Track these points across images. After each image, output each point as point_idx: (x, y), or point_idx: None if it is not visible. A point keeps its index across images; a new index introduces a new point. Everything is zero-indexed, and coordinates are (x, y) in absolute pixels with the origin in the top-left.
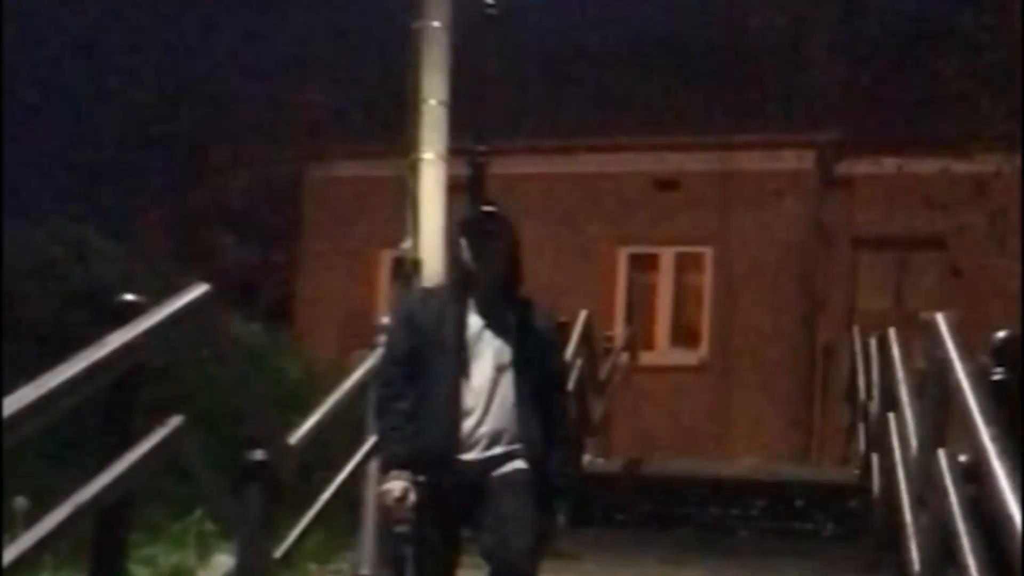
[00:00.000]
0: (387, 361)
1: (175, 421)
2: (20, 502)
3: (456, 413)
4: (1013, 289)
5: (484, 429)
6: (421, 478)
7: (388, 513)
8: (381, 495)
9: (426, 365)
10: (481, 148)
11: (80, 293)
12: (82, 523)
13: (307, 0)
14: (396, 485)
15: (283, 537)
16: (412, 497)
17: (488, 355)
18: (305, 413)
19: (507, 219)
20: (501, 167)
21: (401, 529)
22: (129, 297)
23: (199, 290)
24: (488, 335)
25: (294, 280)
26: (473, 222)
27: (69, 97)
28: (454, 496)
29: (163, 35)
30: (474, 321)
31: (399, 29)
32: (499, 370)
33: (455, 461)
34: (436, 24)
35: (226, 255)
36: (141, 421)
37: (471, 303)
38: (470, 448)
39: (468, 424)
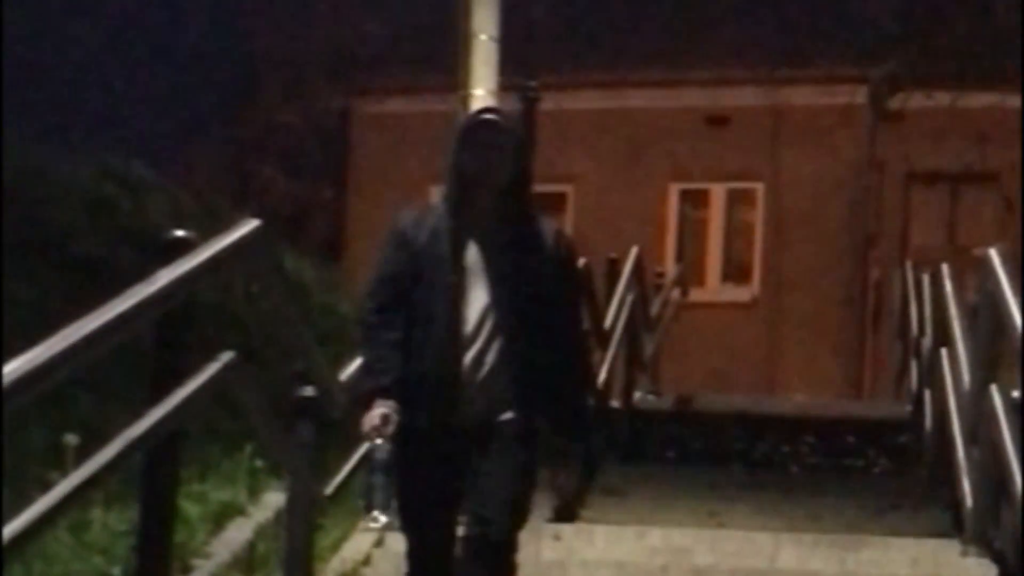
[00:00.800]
0: (375, 283)
1: (225, 357)
2: (71, 438)
3: (452, 344)
4: None
5: (480, 366)
6: (404, 417)
7: (366, 438)
8: (361, 423)
9: (419, 290)
10: (531, 83)
11: (130, 229)
12: (133, 459)
13: None
14: (376, 411)
15: (333, 473)
16: (392, 424)
17: (488, 279)
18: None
19: (512, 126)
20: (552, 103)
21: (376, 449)
22: (179, 233)
23: (249, 226)
24: (489, 256)
25: (344, 215)
26: (473, 128)
27: (116, 30)
28: (443, 439)
29: None
30: (474, 240)
31: None
32: (500, 296)
33: (448, 398)
34: None
35: (276, 190)
36: (192, 357)
37: (471, 221)
38: (465, 386)
39: (463, 358)
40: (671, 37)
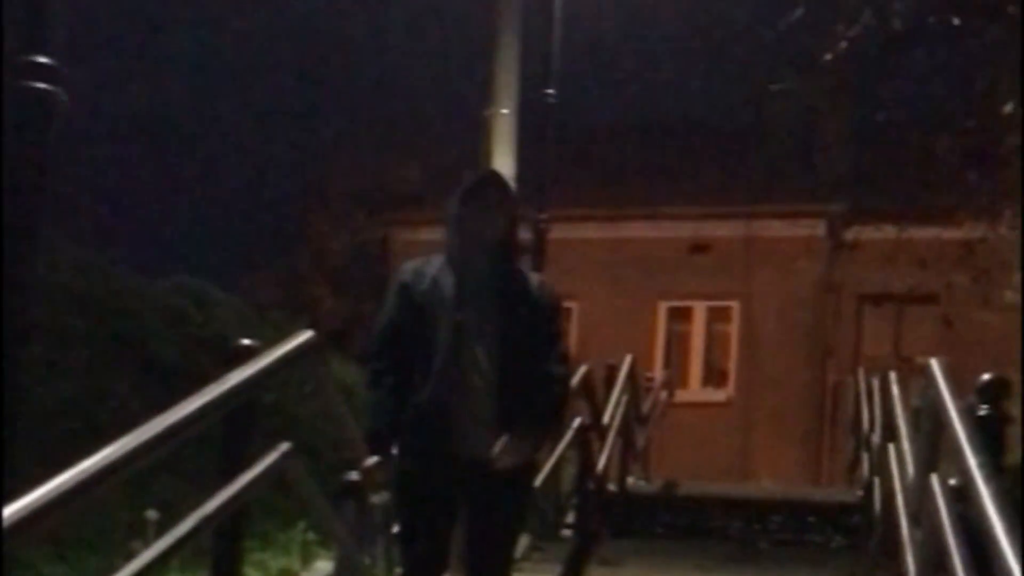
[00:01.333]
0: (379, 330)
1: (283, 447)
2: (151, 514)
3: (450, 388)
4: (994, 338)
5: (476, 400)
6: (405, 458)
7: (365, 486)
8: (361, 470)
9: (421, 333)
10: (542, 216)
11: (203, 338)
12: (205, 532)
13: (396, 90)
14: (373, 459)
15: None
16: (386, 473)
17: (483, 320)
18: None
19: (507, 187)
20: (560, 232)
21: (375, 500)
22: (245, 341)
23: (304, 336)
24: (484, 301)
25: None
26: (476, 187)
27: (191, 169)
28: (440, 478)
29: (271, 118)
30: (471, 286)
31: (474, 116)
32: (494, 336)
33: (444, 432)
34: (505, 111)
35: (325, 306)
36: (255, 447)
37: (469, 269)
38: (460, 420)
39: (461, 392)
40: (661, 178)
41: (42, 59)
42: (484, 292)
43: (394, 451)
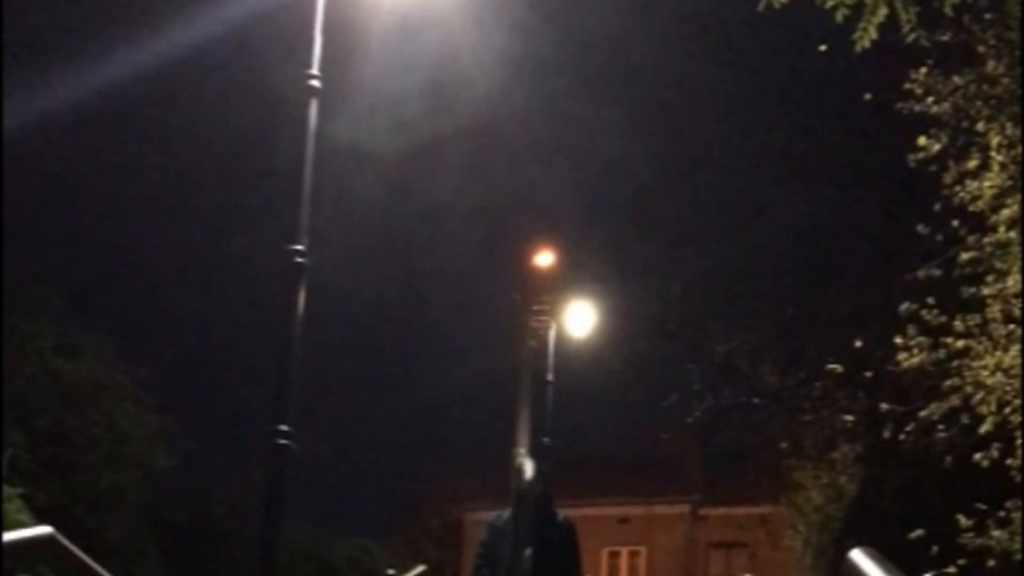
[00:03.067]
0: (477, 560)
1: None
2: None
3: None
4: (780, 563)
5: None
6: None
7: None
8: None
9: (498, 556)
10: None
11: (368, 571)
12: None
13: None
14: None
15: None
16: None
17: (530, 551)
18: None
19: (548, 478)
20: None
21: None
22: (391, 572)
23: (420, 568)
24: (532, 534)
25: (460, 569)
26: (526, 487)
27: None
28: None
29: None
30: (524, 525)
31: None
32: (536, 553)
33: None
34: (522, 451)
35: (432, 556)
36: None
37: (522, 517)
38: None
39: None
40: (602, 483)
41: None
42: (532, 529)
43: None
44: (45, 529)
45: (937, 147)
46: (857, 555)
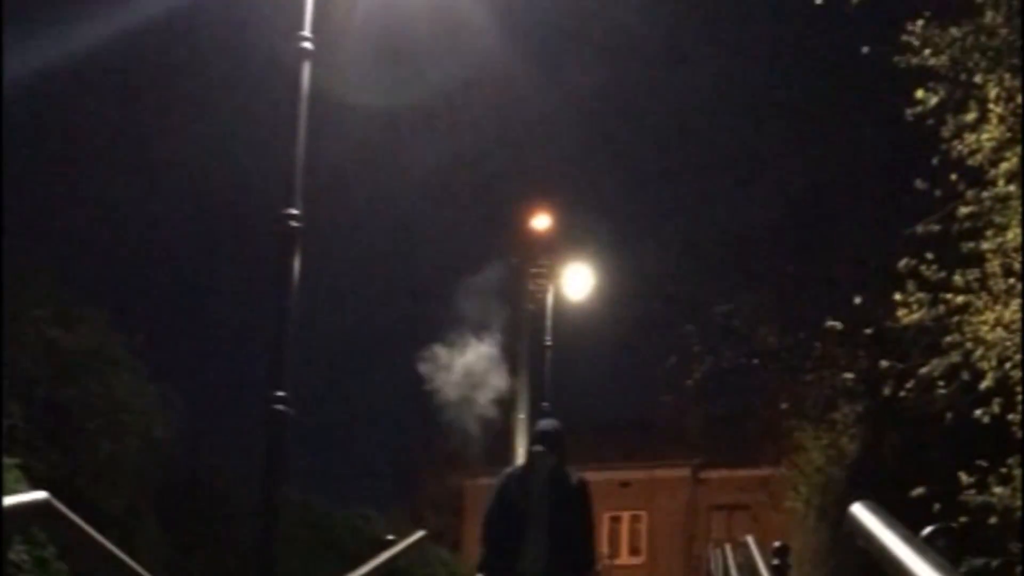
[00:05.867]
0: (490, 513)
1: None
2: None
3: (525, 550)
4: (779, 526)
5: (537, 553)
6: None
7: None
8: None
9: (513, 519)
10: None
11: (370, 539)
12: None
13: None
14: None
15: None
16: None
17: (544, 505)
18: None
19: (561, 432)
20: None
21: None
22: (390, 537)
23: (419, 533)
24: (544, 493)
25: (462, 535)
26: (540, 434)
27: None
28: None
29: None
30: (536, 485)
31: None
32: (548, 513)
33: (519, 569)
34: (522, 416)
35: (432, 522)
36: None
37: (535, 476)
38: (529, 562)
39: (532, 556)
40: (605, 448)
41: None
42: (543, 489)
43: None
44: (40, 495)
45: (935, 100)
46: (858, 509)
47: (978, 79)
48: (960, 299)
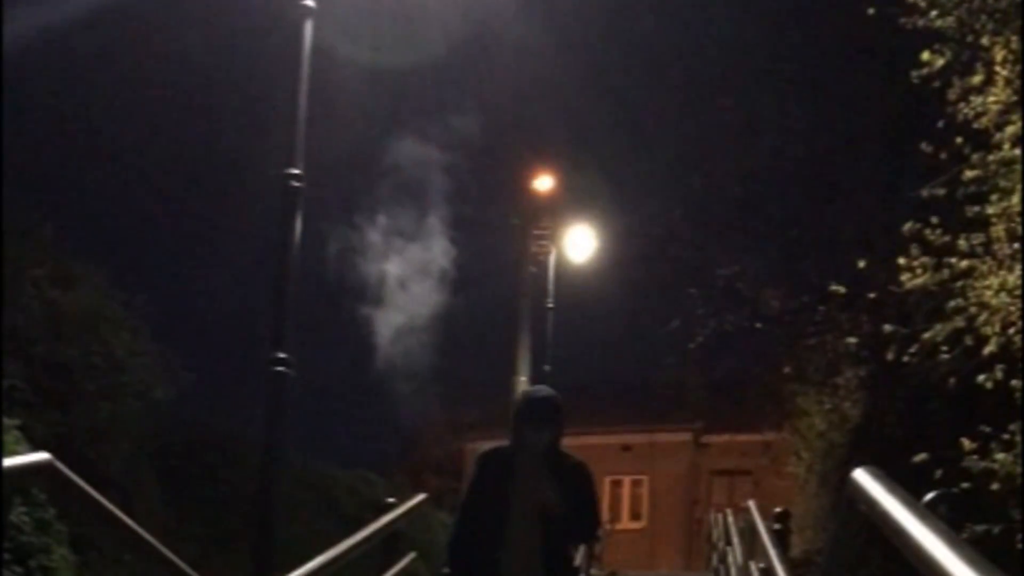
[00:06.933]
0: (468, 497)
1: (411, 554)
2: None
3: (507, 545)
4: (781, 491)
5: (525, 548)
6: None
7: None
8: None
9: (494, 507)
10: None
11: (368, 501)
12: None
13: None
14: None
15: None
16: None
17: (534, 499)
18: None
19: (559, 403)
20: None
21: None
22: (390, 500)
23: (420, 496)
24: (536, 479)
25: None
26: (532, 403)
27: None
28: None
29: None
30: (527, 469)
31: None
32: (543, 510)
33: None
34: (523, 378)
35: (432, 484)
36: (397, 557)
37: (526, 458)
38: (514, 557)
39: (517, 552)
40: (606, 411)
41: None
42: (535, 474)
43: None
44: (42, 455)
45: (941, 62)
46: (860, 474)
47: (985, 41)
48: (964, 263)
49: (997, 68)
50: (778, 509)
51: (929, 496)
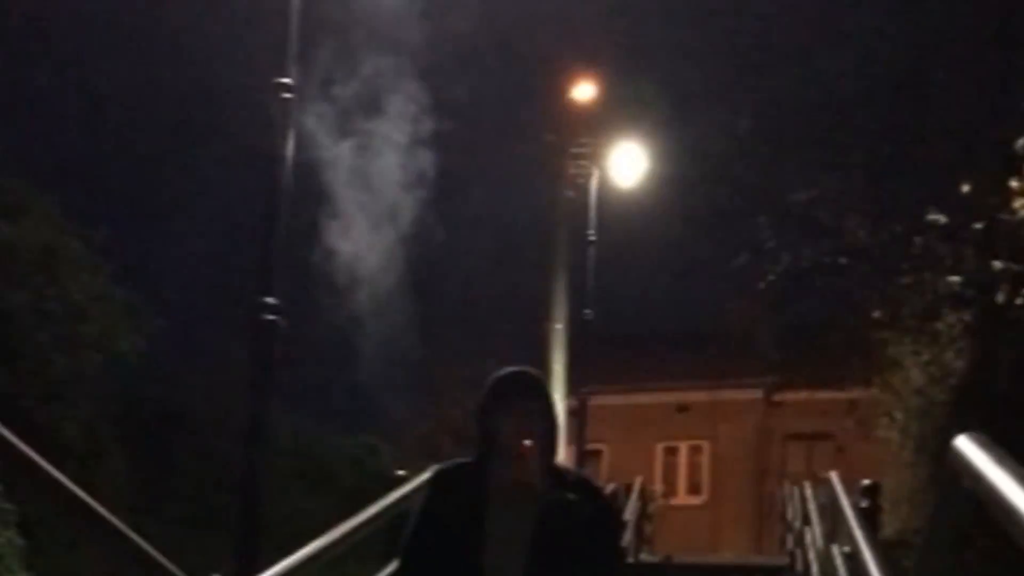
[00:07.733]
0: (410, 543)
1: None
2: None
3: None
4: (870, 460)
5: None
6: None
7: None
8: None
9: (447, 554)
10: (585, 389)
11: (373, 473)
12: None
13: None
14: None
15: None
16: None
17: (516, 552)
18: None
19: (541, 379)
20: (596, 401)
21: None
22: (400, 472)
23: (434, 469)
24: (517, 527)
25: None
26: (505, 381)
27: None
28: None
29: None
30: (500, 508)
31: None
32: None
33: None
34: (559, 326)
35: (446, 451)
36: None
37: (498, 486)
38: None
39: None
40: (658, 365)
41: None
42: (515, 518)
43: None
44: None
45: None
46: (963, 442)
47: None
48: None
49: None
50: (866, 482)
51: None
